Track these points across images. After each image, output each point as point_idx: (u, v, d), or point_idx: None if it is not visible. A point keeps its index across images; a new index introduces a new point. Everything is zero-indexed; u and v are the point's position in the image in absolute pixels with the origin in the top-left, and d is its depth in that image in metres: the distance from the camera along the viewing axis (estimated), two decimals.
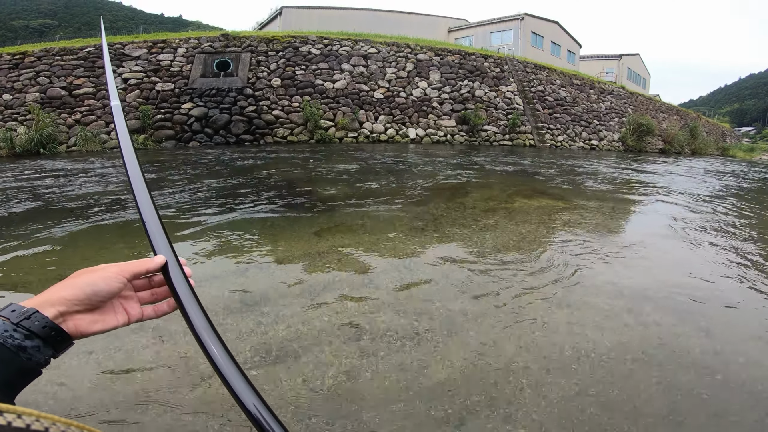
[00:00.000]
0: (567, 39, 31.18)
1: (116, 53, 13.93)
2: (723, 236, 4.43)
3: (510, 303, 2.61)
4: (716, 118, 45.18)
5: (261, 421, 0.41)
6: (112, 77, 0.73)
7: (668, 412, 1.71)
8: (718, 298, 2.82)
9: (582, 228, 4.42)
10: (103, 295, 0.47)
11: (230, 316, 2.37)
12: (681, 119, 28.10)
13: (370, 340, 2.16)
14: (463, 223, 4.36)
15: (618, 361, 2.03)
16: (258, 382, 1.81)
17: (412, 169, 8.40)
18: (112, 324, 0.49)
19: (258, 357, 2.01)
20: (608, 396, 1.78)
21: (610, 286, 2.92)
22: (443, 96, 16.45)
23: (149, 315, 0.54)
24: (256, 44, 15.31)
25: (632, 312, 2.54)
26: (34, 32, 61.47)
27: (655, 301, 2.71)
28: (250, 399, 0.42)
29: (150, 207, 0.56)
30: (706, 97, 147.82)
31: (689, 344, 2.22)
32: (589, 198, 6.23)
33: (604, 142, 19.74)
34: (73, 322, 0.45)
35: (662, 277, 3.14)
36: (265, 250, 3.50)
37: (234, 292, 2.67)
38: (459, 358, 2.02)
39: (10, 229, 4.01)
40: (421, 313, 2.45)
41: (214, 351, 0.45)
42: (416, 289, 2.78)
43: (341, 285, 2.80)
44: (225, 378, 0.44)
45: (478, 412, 1.68)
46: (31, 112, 11.51)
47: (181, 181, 6.71)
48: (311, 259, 3.26)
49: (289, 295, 2.64)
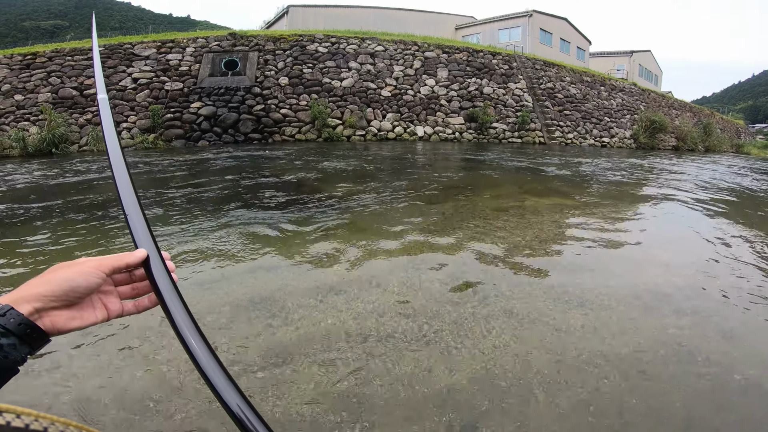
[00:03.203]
0: (576, 36, 30.78)
1: (126, 53, 14.06)
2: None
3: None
4: (730, 114, 44.26)
5: (243, 419, 0.40)
6: (100, 71, 0.72)
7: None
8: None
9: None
10: (81, 291, 0.46)
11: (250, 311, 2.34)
12: (694, 116, 27.58)
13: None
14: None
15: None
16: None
17: (423, 167, 8.34)
18: (90, 320, 0.47)
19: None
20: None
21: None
22: (451, 93, 16.34)
23: (129, 310, 0.52)
24: (263, 43, 15.34)
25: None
26: (44, 33, 62.38)
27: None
28: (231, 397, 0.41)
29: (133, 200, 0.55)
30: (719, 94, 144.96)
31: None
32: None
33: (616, 139, 19.46)
34: (49, 319, 0.43)
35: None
36: (276, 248, 3.48)
37: (246, 290, 2.65)
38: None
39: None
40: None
41: (196, 347, 0.44)
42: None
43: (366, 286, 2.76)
44: (206, 375, 0.42)
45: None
46: (43, 112, 11.66)
47: (205, 179, 6.74)
48: (327, 257, 3.23)
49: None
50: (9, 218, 4.45)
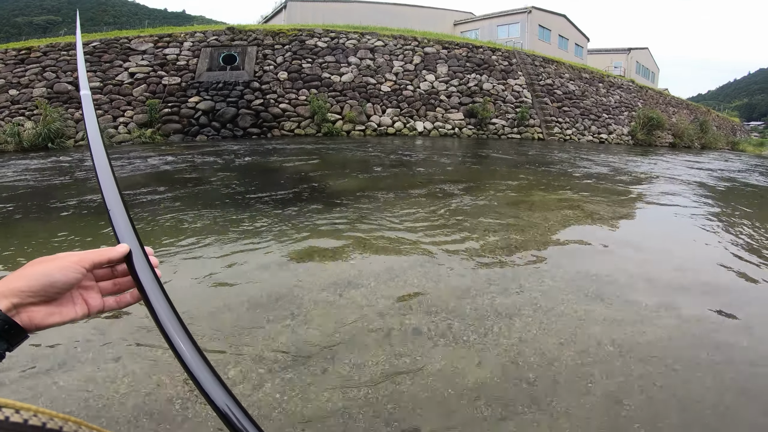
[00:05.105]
0: (575, 32, 30.79)
1: (122, 47, 13.87)
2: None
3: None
4: (726, 112, 44.51)
5: (230, 417, 0.39)
6: (83, 67, 0.72)
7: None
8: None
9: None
10: (60, 286, 0.44)
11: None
12: (691, 113, 27.70)
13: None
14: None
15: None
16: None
17: (428, 162, 8.29)
18: (69, 316, 0.46)
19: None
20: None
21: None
22: (451, 89, 16.28)
23: (111, 306, 0.51)
24: (262, 38, 15.19)
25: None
26: (38, 29, 61.49)
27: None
28: (218, 394, 0.40)
29: (116, 195, 0.54)
30: (715, 92, 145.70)
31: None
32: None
33: (614, 136, 19.50)
34: (27, 315, 0.42)
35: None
36: (288, 243, 3.43)
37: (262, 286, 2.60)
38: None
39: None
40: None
41: (180, 343, 0.43)
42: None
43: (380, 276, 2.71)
44: (191, 371, 0.42)
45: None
46: (38, 107, 11.48)
47: (209, 174, 6.65)
48: (338, 251, 3.18)
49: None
50: (7, 217, 4.36)
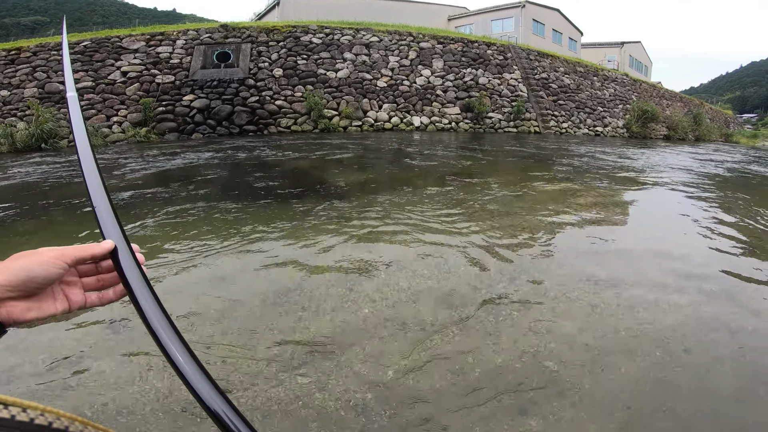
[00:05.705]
0: (568, 26, 30.82)
1: (113, 46, 13.68)
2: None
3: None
4: (719, 104, 44.87)
5: (220, 415, 0.38)
6: (69, 68, 0.72)
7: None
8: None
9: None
10: (40, 281, 0.43)
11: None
12: (684, 106, 27.88)
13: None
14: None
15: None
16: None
17: (427, 156, 8.26)
18: (49, 311, 0.46)
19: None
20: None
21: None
22: (447, 84, 16.25)
23: (93, 302, 0.51)
24: (256, 35, 15.06)
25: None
26: (25, 29, 60.56)
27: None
28: (207, 392, 0.39)
29: (101, 191, 0.54)
30: (707, 85, 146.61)
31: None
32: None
33: (609, 129, 19.59)
34: (5, 309, 0.42)
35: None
36: (293, 239, 3.39)
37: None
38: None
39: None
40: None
41: (167, 341, 0.42)
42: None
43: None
44: (178, 368, 0.41)
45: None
46: (30, 107, 11.32)
47: (213, 173, 6.58)
48: (349, 245, 3.15)
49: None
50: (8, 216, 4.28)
